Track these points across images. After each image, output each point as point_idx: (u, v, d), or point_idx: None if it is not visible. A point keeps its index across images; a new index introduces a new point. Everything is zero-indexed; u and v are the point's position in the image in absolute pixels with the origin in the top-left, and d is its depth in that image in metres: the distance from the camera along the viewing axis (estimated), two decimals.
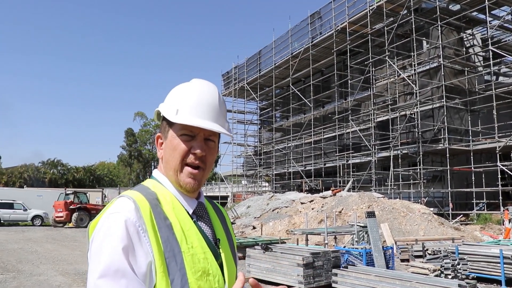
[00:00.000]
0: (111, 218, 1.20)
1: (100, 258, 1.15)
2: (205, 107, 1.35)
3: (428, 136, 25.33)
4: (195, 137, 1.34)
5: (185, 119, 1.31)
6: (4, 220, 30.87)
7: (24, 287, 9.50)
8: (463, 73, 26.12)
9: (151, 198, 1.29)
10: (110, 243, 1.16)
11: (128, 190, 1.36)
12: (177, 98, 1.37)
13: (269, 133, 43.43)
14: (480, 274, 9.74)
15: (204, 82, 1.41)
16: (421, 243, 13.09)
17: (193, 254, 1.26)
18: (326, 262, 9.38)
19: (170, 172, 1.36)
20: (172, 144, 1.35)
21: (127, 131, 76.73)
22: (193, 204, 1.38)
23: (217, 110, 1.38)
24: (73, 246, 18.14)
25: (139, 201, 1.25)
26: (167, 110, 1.36)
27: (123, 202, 1.25)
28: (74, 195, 31.64)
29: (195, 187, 1.35)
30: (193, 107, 1.34)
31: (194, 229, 1.32)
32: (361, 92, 29.68)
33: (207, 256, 1.30)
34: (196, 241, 1.30)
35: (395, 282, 8.04)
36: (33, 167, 64.20)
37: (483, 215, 22.38)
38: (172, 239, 1.24)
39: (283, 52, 36.97)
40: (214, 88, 1.41)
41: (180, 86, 1.42)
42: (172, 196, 1.36)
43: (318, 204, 21.96)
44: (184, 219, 1.32)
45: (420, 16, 25.92)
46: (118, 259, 1.14)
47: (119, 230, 1.17)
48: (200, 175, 1.35)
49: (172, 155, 1.34)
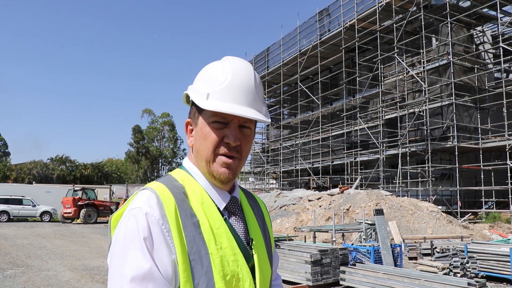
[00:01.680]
0: (132, 216, 1.11)
1: (125, 262, 1.07)
2: (239, 90, 1.20)
3: (437, 133, 25.18)
4: (228, 124, 1.21)
5: (216, 106, 1.17)
6: (13, 216, 31.13)
7: (33, 282, 9.56)
8: (473, 70, 25.92)
9: (178, 192, 1.19)
10: (134, 245, 1.07)
11: (153, 181, 1.24)
12: (208, 80, 1.23)
13: (276, 130, 43.39)
14: (489, 272, 9.66)
15: (238, 60, 1.26)
16: (429, 241, 13.02)
17: (222, 256, 1.15)
18: (334, 259, 9.35)
19: (202, 162, 1.24)
20: (203, 132, 1.22)
21: (135, 128, 77.06)
22: (225, 199, 1.26)
23: (253, 92, 1.23)
24: (81, 242, 18.24)
25: (163, 196, 1.15)
26: (196, 94, 1.24)
27: (145, 196, 1.15)
28: (82, 191, 31.79)
29: (230, 177, 1.23)
30: (225, 90, 1.19)
31: (224, 227, 1.20)
32: (369, 90, 29.54)
33: (237, 258, 1.18)
34: (226, 241, 1.18)
35: (403, 280, 8.00)
36: (42, 163, 64.70)
37: (492, 214, 22.23)
38: (199, 239, 1.13)
39: (291, 49, 36.86)
40: (249, 67, 1.25)
41: (211, 65, 1.29)
42: (202, 190, 1.24)
43: (325, 201, 21.92)
44: (213, 216, 1.20)
45: (430, 13, 25.73)
46: (144, 262, 1.06)
47: (142, 231, 1.08)
48: (235, 164, 1.23)
49: (203, 145, 1.22)
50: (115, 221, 1.18)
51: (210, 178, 1.25)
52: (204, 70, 1.29)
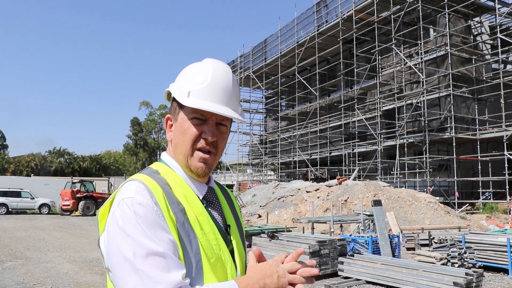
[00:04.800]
0: (125, 205, 1.14)
1: (134, 245, 1.09)
2: (218, 90, 1.29)
3: (435, 124, 25.20)
4: (206, 121, 1.29)
5: (196, 103, 1.26)
6: (12, 208, 31.16)
7: (32, 274, 9.59)
8: (471, 61, 25.89)
9: (162, 183, 1.24)
10: (136, 231, 1.10)
11: (136, 174, 1.29)
12: (189, 79, 1.31)
13: (274, 122, 43.36)
14: (487, 263, 9.72)
15: (218, 62, 1.34)
16: (427, 232, 13.07)
17: (206, 240, 1.23)
18: (332, 250, 9.40)
19: (180, 156, 1.32)
20: (182, 127, 1.30)
21: (133, 120, 76.75)
22: (203, 190, 1.34)
23: (230, 93, 1.32)
24: (80, 234, 18.27)
25: (151, 185, 1.20)
26: (178, 92, 1.31)
27: (135, 186, 1.19)
28: (81, 183, 31.79)
29: (206, 171, 1.31)
30: (205, 89, 1.28)
31: (206, 215, 1.28)
32: (367, 81, 29.52)
33: (219, 243, 1.27)
34: (208, 227, 1.26)
35: (401, 271, 8.05)
36: (40, 156, 64.57)
37: (489, 204, 22.30)
38: (187, 224, 1.21)
39: (288, 40, 36.76)
40: (228, 69, 1.35)
41: (193, 65, 1.36)
42: (182, 181, 1.31)
43: (323, 192, 21.96)
44: (196, 204, 1.28)
45: (428, 4, 25.63)
46: (152, 244, 1.09)
47: (140, 217, 1.12)
48: (211, 160, 1.31)
49: (182, 139, 1.30)
50: (102, 214, 1.23)
51: (188, 171, 1.33)
52: (186, 70, 1.36)
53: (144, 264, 1.07)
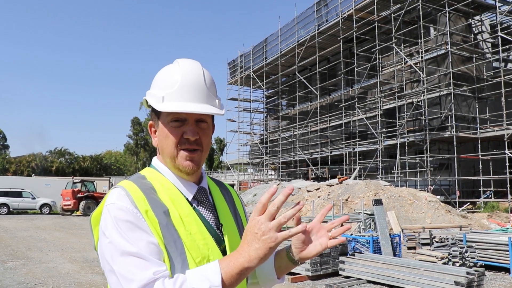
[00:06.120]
0: (107, 211, 1.21)
1: (110, 249, 1.17)
2: (190, 89, 1.31)
3: (435, 123, 25.18)
4: (185, 121, 1.32)
5: (171, 107, 1.28)
6: (13, 208, 31.19)
7: (33, 274, 9.60)
8: (471, 60, 25.86)
9: (146, 187, 1.29)
10: (114, 232, 1.17)
11: (123, 180, 1.35)
12: (161, 84, 1.34)
13: (275, 121, 43.35)
14: (488, 262, 9.69)
15: (187, 61, 1.37)
16: (428, 231, 13.06)
17: (192, 241, 1.25)
18: (333, 249, 9.38)
19: (167, 159, 1.35)
20: (164, 132, 1.33)
21: (134, 120, 76.73)
22: (192, 190, 1.37)
23: (204, 89, 1.33)
24: (81, 234, 18.28)
25: (132, 190, 1.25)
26: (153, 98, 1.34)
27: (116, 192, 1.25)
28: (82, 183, 31.80)
29: (194, 169, 1.34)
30: (177, 91, 1.30)
31: (193, 215, 1.31)
32: (367, 80, 29.50)
33: (207, 242, 1.29)
34: (196, 227, 1.28)
35: (402, 270, 8.04)
36: (41, 156, 64.57)
37: (490, 203, 22.29)
38: (171, 225, 1.24)
39: (289, 40, 36.73)
40: (197, 65, 1.36)
41: (163, 69, 1.38)
42: (170, 184, 1.35)
43: (324, 192, 21.95)
44: (182, 205, 1.31)
45: (428, 3, 25.59)
46: (126, 242, 1.16)
47: (121, 221, 1.18)
48: (197, 157, 1.34)
49: (166, 143, 1.33)
50: (95, 219, 1.29)
51: (177, 172, 1.36)
52: (158, 75, 1.39)
53: (119, 265, 1.14)
